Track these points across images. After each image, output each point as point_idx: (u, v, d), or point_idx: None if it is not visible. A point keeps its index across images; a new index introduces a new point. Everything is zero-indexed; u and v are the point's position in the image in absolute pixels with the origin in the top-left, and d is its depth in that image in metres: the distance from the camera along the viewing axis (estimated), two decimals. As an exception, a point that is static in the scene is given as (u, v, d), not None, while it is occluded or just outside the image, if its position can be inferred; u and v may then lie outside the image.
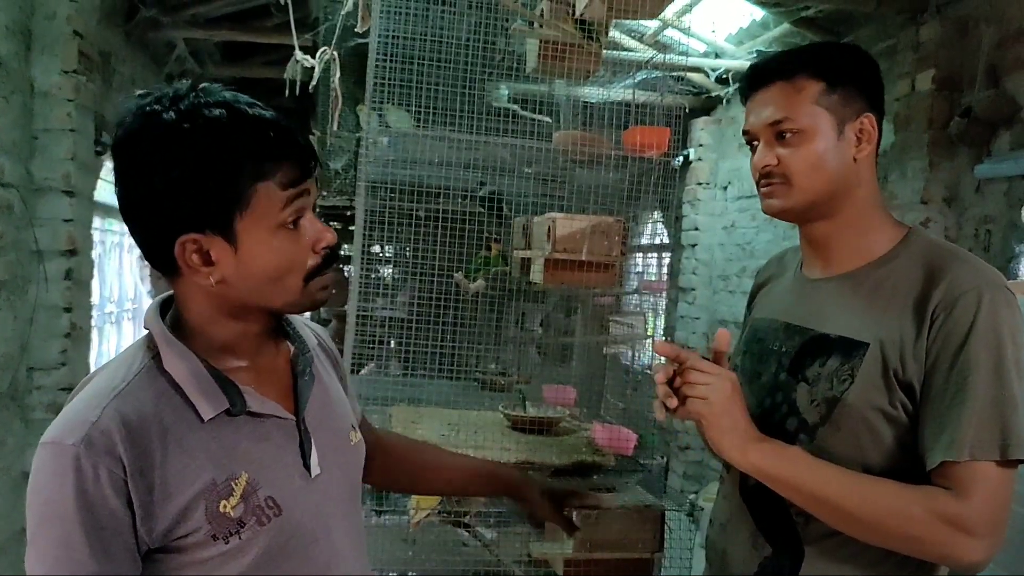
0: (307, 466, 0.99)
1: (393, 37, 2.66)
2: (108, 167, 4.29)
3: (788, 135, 1.16)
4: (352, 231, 2.62)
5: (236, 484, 0.91)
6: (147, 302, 5.28)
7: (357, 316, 2.57)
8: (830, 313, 1.19)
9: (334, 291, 1.02)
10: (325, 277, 0.97)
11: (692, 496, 4.81)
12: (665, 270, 5.82)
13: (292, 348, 1.06)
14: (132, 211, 0.92)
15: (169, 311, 0.99)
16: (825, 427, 1.13)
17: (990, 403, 1.01)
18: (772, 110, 1.17)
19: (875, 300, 1.14)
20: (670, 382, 1.11)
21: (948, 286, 1.06)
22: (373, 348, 2.69)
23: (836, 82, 1.15)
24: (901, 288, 1.12)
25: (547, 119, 3.22)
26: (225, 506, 0.90)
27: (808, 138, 1.15)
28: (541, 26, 2.32)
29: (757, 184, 1.24)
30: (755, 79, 1.22)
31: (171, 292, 0.99)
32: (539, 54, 2.36)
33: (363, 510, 1.17)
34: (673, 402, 1.09)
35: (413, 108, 2.76)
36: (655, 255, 6.01)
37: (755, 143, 1.23)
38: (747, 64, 4.20)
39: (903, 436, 1.08)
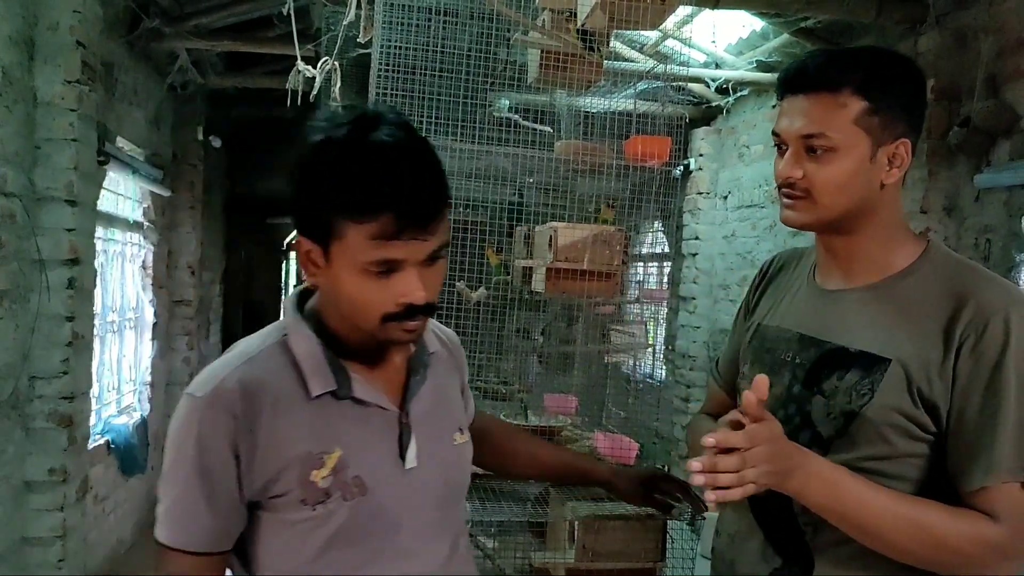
0: (403, 457, 1.06)
1: (395, 48, 2.68)
2: (110, 176, 4.30)
3: (820, 151, 1.12)
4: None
5: (328, 458, 1.00)
6: (149, 311, 5.29)
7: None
8: (849, 326, 1.17)
9: (419, 334, 1.05)
10: (407, 323, 1.00)
11: (693, 506, 4.79)
12: (666, 279, 5.82)
13: (413, 348, 1.13)
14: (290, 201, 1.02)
15: (308, 300, 1.11)
16: (840, 441, 1.12)
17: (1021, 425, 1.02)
18: (808, 122, 1.12)
19: (898, 316, 1.12)
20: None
21: (977, 307, 1.05)
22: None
23: (881, 105, 1.10)
24: (925, 306, 1.10)
25: (548, 129, 3.23)
26: (316, 476, 0.99)
27: (839, 157, 1.11)
28: (543, 36, 2.33)
29: (778, 189, 1.20)
30: (798, 81, 1.15)
31: (307, 286, 1.11)
32: (540, 64, 2.37)
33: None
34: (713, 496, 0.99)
35: (415, 118, 2.77)
36: (656, 264, 6.01)
37: (783, 146, 1.18)
38: (747, 75, 4.22)
39: (918, 453, 1.08)
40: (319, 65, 3.25)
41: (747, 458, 0.97)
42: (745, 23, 4.09)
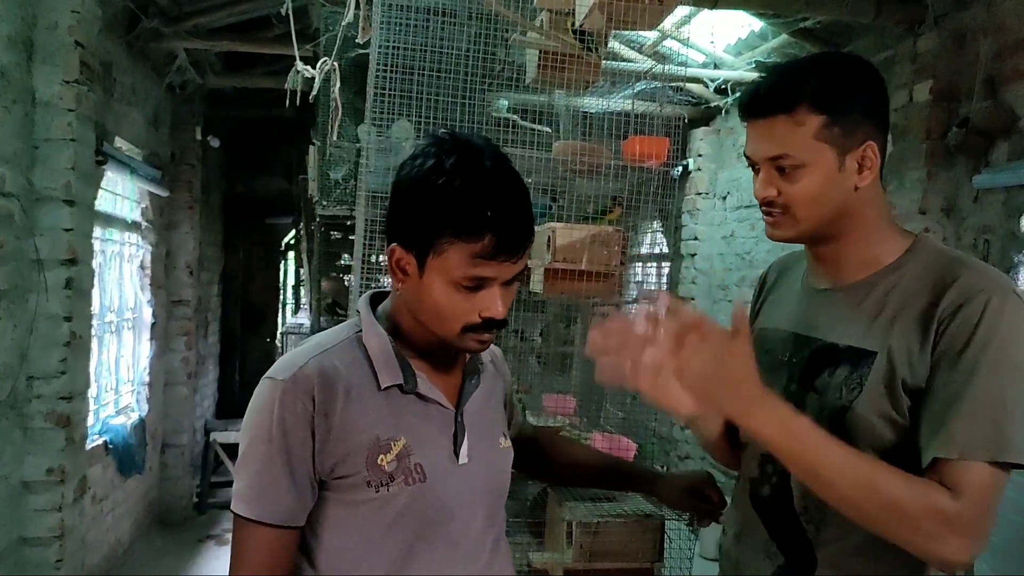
0: (456, 453, 1.15)
1: (393, 48, 2.68)
2: (108, 176, 4.29)
3: (788, 169, 1.15)
4: (352, 241, 2.62)
5: (394, 445, 1.09)
6: (147, 311, 5.28)
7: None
8: (838, 323, 1.19)
9: (490, 345, 1.17)
10: (483, 335, 1.11)
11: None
12: (665, 279, 5.82)
13: (468, 356, 1.23)
14: (389, 212, 1.13)
15: (380, 303, 1.22)
16: (835, 436, 1.12)
17: (988, 404, 1.00)
18: (771, 144, 1.15)
19: (883, 309, 1.14)
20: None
21: (957, 291, 1.06)
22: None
23: (839, 115, 1.12)
24: (909, 296, 1.12)
25: (547, 129, 3.23)
26: (382, 460, 1.08)
27: (808, 172, 1.13)
28: (541, 37, 2.33)
29: (760, 206, 1.23)
30: (755, 106, 1.18)
31: (377, 290, 1.25)
32: (539, 65, 2.37)
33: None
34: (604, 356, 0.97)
35: (413, 119, 2.77)
36: (655, 264, 6.01)
37: (755, 166, 1.21)
38: (746, 75, 4.22)
39: (909, 442, 1.08)
40: (318, 65, 3.24)
41: (698, 352, 0.94)
42: (744, 23, 4.10)
